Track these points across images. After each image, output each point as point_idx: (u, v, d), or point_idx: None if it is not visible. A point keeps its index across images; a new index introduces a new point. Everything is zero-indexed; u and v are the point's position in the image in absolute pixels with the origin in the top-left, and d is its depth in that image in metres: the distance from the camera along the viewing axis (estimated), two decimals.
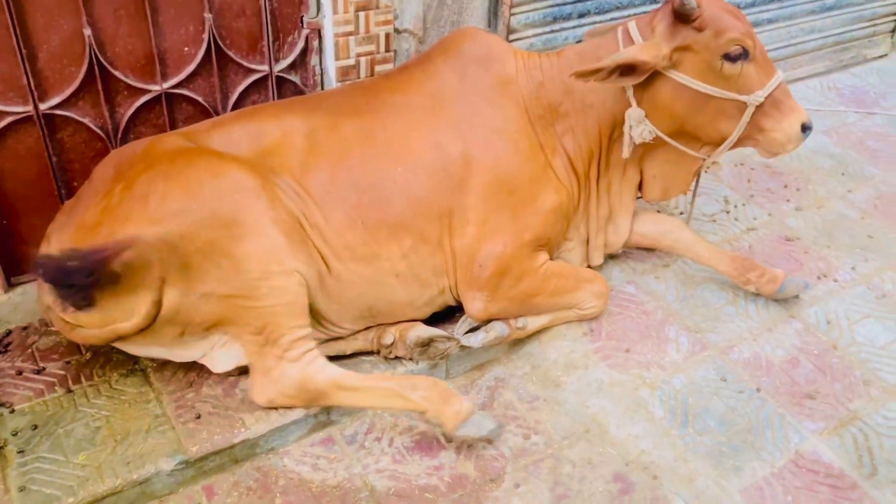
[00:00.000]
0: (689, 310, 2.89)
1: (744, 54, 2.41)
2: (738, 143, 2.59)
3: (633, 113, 2.53)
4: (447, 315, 2.73)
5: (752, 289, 2.91)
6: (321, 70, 2.95)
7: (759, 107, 2.48)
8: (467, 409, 2.31)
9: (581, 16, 3.50)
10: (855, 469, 2.36)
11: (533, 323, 2.71)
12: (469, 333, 2.63)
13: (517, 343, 2.73)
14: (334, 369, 2.35)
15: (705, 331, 2.81)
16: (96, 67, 2.52)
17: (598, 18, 3.55)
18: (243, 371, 2.43)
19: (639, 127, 2.54)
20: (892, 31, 4.84)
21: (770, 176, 3.68)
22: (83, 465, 2.16)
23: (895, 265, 3.17)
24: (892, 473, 2.35)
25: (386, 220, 2.41)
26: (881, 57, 4.82)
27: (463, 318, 2.68)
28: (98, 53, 2.51)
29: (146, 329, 2.22)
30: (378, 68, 2.97)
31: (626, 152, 2.62)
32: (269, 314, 2.24)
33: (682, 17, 2.38)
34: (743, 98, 2.46)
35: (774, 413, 2.52)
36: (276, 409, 2.34)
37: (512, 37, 3.32)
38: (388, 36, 2.95)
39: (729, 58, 2.40)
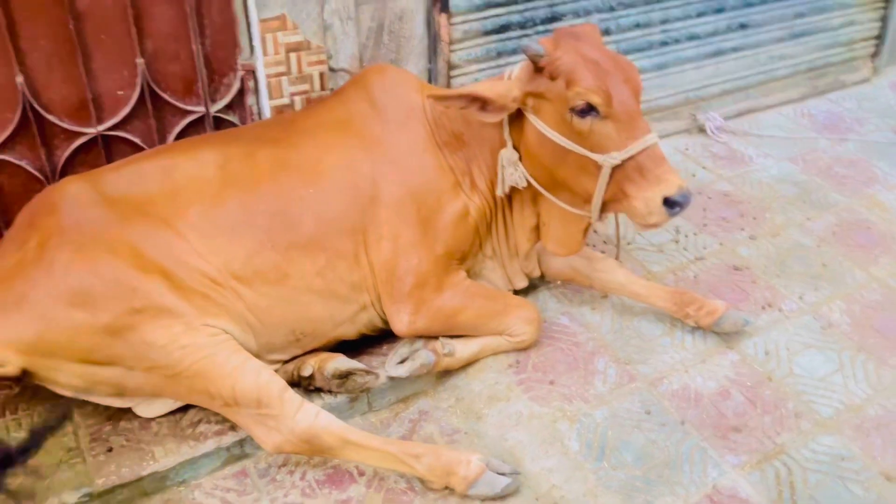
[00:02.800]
0: (623, 341, 2.85)
1: (592, 110, 2.31)
2: (610, 205, 2.47)
3: (506, 154, 2.56)
4: (376, 342, 2.74)
5: (692, 322, 2.86)
6: (258, 109, 3.03)
7: (621, 169, 2.34)
8: (475, 473, 2.28)
9: None
10: None
11: (462, 351, 2.70)
12: (398, 365, 2.64)
13: (443, 375, 2.72)
14: (330, 419, 2.31)
15: (636, 362, 2.77)
16: (30, 113, 2.64)
17: None
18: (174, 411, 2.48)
19: (510, 168, 2.56)
20: (873, 56, 4.76)
21: (727, 205, 3.62)
22: None
23: (846, 294, 3.09)
24: None
25: (297, 241, 2.44)
26: (862, 82, 4.74)
27: (393, 351, 2.69)
28: (32, 100, 2.63)
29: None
30: None
31: (499, 190, 2.64)
32: (197, 375, 2.25)
33: (534, 64, 2.37)
34: (594, 157, 2.35)
35: (696, 447, 2.46)
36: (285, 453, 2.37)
37: (454, 72, 3.37)
38: (322, 75, 3.02)
39: (576, 112, 2.31)
